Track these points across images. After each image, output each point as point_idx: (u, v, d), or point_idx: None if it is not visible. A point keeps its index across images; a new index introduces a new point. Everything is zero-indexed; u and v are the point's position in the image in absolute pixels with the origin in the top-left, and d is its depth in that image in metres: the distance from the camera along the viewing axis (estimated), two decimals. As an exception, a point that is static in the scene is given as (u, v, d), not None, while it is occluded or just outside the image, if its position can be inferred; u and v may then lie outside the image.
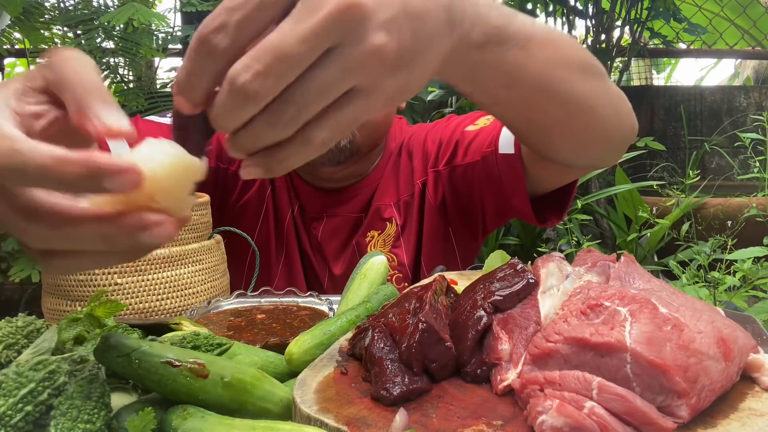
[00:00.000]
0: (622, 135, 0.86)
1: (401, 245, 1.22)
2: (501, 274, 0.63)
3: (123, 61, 2.42)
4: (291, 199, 1.22)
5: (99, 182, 0.40)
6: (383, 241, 1.22)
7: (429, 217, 1.22)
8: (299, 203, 1.22)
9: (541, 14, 3.03)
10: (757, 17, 3.59)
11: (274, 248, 1.21)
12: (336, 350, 0.64)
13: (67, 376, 0.52)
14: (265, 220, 1.21)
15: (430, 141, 1.24)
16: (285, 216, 1.22)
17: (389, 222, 1.22)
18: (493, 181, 1.11)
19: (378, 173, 1.25)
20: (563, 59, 0.69)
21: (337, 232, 1.22)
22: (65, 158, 0.40)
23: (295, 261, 1.22)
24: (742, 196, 2.41)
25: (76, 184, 0.41)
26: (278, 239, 1.22)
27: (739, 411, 0.52)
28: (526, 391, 0.53)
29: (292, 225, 1.22)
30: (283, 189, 1.22)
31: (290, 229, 1.22)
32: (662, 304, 0.54)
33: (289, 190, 1.22)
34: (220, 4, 0.44)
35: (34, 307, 0.86)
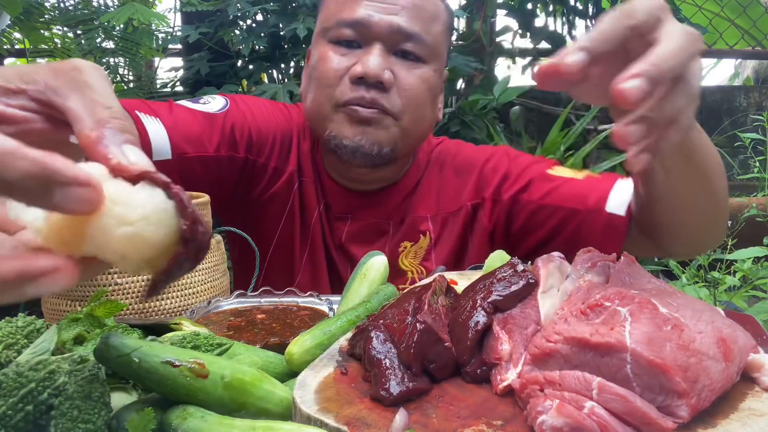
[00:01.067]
0: (720, 235, 1.06)
1: (431, 258, 1.21)
2: (501, 274, 0.63)
3: (123, 61, 2.42)
4: (318, 196, 1.21)
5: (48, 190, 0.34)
6: (415, 252, 1.21)
7: (477, 238, 1.21)
8: (325, 201, 1.21)
9: (541, 14, 3.03)
10: (757, 17, 3.59)
11: (298, 243, 1.21)
12: (336, 350, 0.64)
13: (67, 376, 0.52)
14: (290, 214, 1.20)
15: (489, 169, 1.22)
16: (312, 212, 1.21)
17: (423, 234, 1.21)
18: (584, 232, 1.10)
19: (408, 181, 1.22)
20: (713, 149, 0.90)
21: (363, 236, 1.21)
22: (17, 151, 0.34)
23: (320, 258, 1.21)
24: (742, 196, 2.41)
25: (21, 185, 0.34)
26: (303, 234, 1.21)
27: (739, 411, 0.52)
28: (526, 391, 0.53)
29: (319, 222, 1.21)
30: (311, 185, 1.21)
31: (317, 226, 1.21)
32: (662, 304, 0.54)
33: (317, 186, 1.21)
34: None
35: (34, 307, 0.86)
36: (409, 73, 1.08)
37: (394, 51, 1.08)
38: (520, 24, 3.01)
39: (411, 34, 1.07)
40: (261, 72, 2.56)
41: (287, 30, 2.30)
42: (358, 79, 1.05)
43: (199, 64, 2.45)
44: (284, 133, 1.20)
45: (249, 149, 1.15)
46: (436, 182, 1.24)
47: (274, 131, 1.19)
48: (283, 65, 2.56)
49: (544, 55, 3.14)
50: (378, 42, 1.06)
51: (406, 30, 1.07)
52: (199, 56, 2.52)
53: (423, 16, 1.09)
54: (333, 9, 1.11)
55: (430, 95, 1.12)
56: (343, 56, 1.08)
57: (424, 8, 1.10)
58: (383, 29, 1.06)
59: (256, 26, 2.47)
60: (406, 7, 1.07)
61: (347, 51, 1.08)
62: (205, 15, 2.53)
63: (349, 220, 1.21)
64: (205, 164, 1.10)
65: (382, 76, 1.04)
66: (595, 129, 2.92)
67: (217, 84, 2.41)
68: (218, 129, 1.11)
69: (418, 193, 1.23)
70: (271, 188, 1.19)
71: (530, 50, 3.15)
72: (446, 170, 1.25)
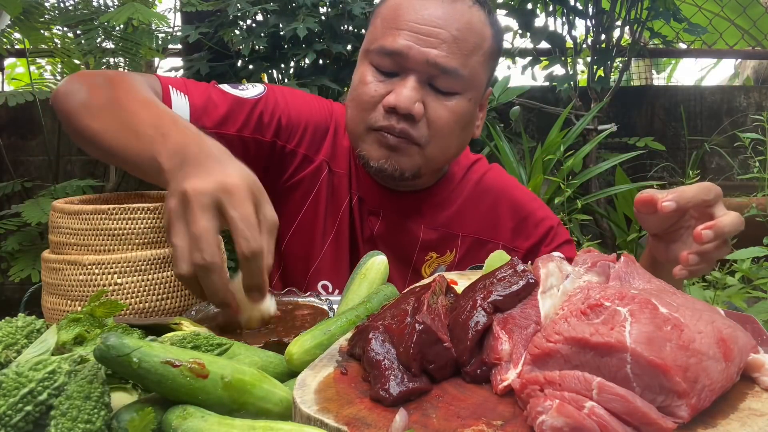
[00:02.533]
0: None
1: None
2: (501, 274, 0.63)
3: (123, 61, 2.42)
4: (351, 187, 1.24)
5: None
6: (438, 264, 1.24)
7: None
8: (360, 195, 1.24)
9: (542, 14, 3.03)
10: (757, 17, 3.59)
11: (320, 230, 1.23)
12: (336, 350, 0.64)
13: (67, 376, 0.52)
14: (315, 200, 1.22)
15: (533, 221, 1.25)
16: (342, 202, 1.23)
17: (450, 251, 1.24)
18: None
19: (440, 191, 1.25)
20: None
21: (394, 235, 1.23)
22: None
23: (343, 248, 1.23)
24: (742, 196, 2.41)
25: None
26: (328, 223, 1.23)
27: (739, 411, 0.52)
28: (526, 391, 0.53)
29: (348, 213, 1.23)
30: (344, 177, 1.24)
31: (345, 216, 1.23)
32: (662, 304, 0.54)
33: (351, 177, 1.24)
34: None
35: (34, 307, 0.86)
36: (440, 105, 1.11)
37: (429, 82, 1.10)
38: (520, 24, 3.02)
39: (447, 69, 1.08)
40: (261, 72, 2.56)
41: (287, 30, 2.30)
42: (390, 108, 1.08)
43: (199, 64, 2.45)
44: (318, 123, 1.24)
45: (277, 134, 1.18)
46: (475, 205, 1.26)
47: (306, 120, 1.22)
48: (283, 65, 2.56)
49: (544, 55, 3.14)
50: (413, 73, 1.08)
51: (442, 65, 1.08)
52: (199, 56, 2.52)
53: (463, 50, 1.10)
54: (378, 32, 1.13)
55: (460, 124, 1.14)
56: (380, 82, 1.11)
57: (466, 40, 1.10)
58: (419, 62, 1.08)
59: (256, 26, 2.47)
60: (446, 41, 1.08)
61: (385, 78, 1.11)
62: (205, 15, 2.53)
63: (381, 215, 1.23)
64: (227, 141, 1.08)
65: (412, 109, 1.07)
66: (595, 129, 2.92)
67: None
68: (245, 112, 1.15)
69: (455, 208, 1.25)
70: (299, 174, 1.22)
71: (530, 50, 3.15)
72: (489, 198, 1.27)
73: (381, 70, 1.11)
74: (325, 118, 1.25)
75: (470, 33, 1.11)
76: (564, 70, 3.04)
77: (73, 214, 0.83)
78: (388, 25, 1.11)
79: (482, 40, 1.13)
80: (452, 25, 1.10)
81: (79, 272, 0.82)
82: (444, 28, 1.09)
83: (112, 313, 0.67)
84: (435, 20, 1.09)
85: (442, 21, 1.09)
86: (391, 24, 1.11)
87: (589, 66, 3.02)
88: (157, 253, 0.83)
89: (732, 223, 0.86)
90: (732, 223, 0.86)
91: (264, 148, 1.18)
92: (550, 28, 3.04)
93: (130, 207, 0.83)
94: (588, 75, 3.04)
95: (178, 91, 1.11)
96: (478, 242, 1.25)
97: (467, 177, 1.28)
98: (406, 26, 1.09)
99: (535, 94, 3.12)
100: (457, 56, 1.09)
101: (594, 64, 2.99)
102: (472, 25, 1.12)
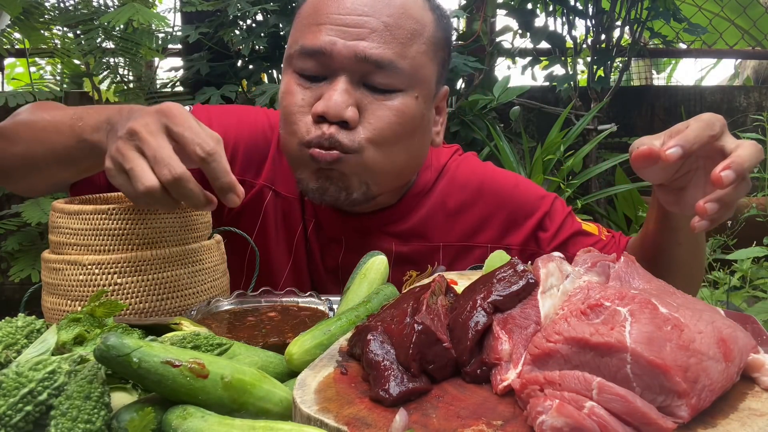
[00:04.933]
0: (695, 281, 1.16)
1: None
2: (501, 274, 0.63)
3: (123, 61, 2.42)
4: (305, 213, 1.11)
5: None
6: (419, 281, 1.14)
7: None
8: (315, 220, 1.11)
9: (542, 14, 3.03)
10: (757, 17, 3.59)
11: (276, 259, 1.12)
12: (336, 350, 0.64)
13: (67, 376, 0.52)
14: (262, 227, 1.11)
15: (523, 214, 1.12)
16: (295, 228, 1.11)
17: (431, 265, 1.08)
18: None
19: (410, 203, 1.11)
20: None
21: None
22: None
23: (304, 279, 1.12)
24: (742, 196, 2.40)
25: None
26: (282, 251, 1.12)
27: (739, 411, 0.52)
28: (526, 391, 0.53)
29: (303, 241, 1.11)
30: (295, 200, 1.11)
31: (300, 244, 1.11)
32: (662, 304, 0.54)
33: (303, 201, 1.12)
34: None
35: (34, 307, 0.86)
36: (380, 105, 0.96)
37: (363, 82, 0.96)
38: (520, 24, 3.01)
39: (381, 62, 0.94)
40: (261, 72, 2.56)
41: (287, 30, 2.30)
42: (319, 116, 0.95)
43: (199, 64, 2.45)
44: (253, 143, 1.11)
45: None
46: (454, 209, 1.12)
47: (234, 140, 1.09)
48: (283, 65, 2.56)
49: (544, 55, 3.14)
50: (342, 74, 0.95)
51: (375, 58, 0.93)
52: (199, 56, 2.52)
53: (398, 38, 0.95)
54: (297, 31, 1.00)
55: (407, 127, 0.98)
56: (306, 89, 0.98)
57: (401, 27, 0.96)
58: (347, 58, 0.93)
59: (256, 26, 2.47)
60: (377, 29, 0.94)
61: (311, 84, 0.98)
62: (205, 15, 2.53)
63: (343, 243, 1.10)
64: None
65: (344, 115, 0.93)
66: (595, 129, 2.92)
67: (217, 84, 2.41)
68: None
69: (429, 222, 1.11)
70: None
71: (530, 50, 3.15)
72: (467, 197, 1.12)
73: (305, 75, 0.98)
74: (263, 136, 1.11)
75: (405, 18, 0.96)
76: (564, 70, 3.04)
77: (73, 214, 0.83)
78: (306, 22, 0.98)
79: (421, 26, 0.98)
80: (382, 11, 0.95)
81: (79, 272, 0.82)
82: (372, 15, 0.94)
83: (112, 313, 0.67)
84: (361, 8, 0.95)
85: (369, 8, 0.95)
86: (310, 21, 0.97)
87: (589, 66, 3.02)
88: (157, 253, 0.83)
89: (750, 154, 0.73)
90: (750, 155, 0.73)
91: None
92: (550, 28, 3.04)
93: (130, 207, 0.83)
94: (588, 75, 3.04)
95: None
96: (464, 249, 1.12)
97: (439, 181, 1.13)
98: (328, 20, 0.95)
99: (535, 94, 3.12)
100: (392, 46, 0.94)
101: (594, 64, 2.98)
102: (406, 9, 0.97)
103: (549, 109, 3.07)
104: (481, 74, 2.85)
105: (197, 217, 0.88)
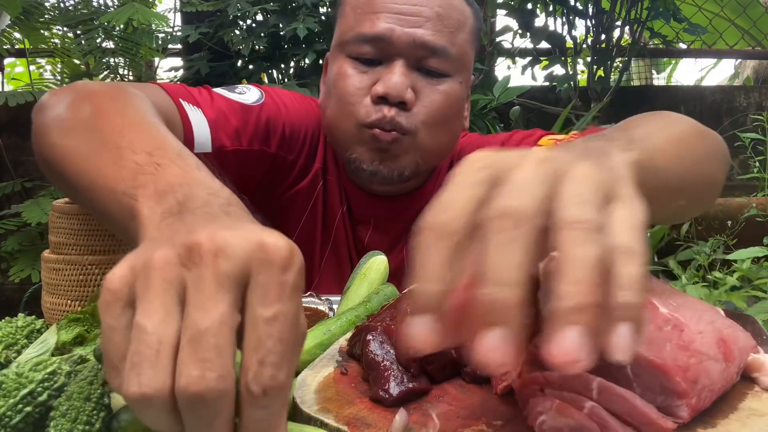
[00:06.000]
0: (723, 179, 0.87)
1: None
2: (501, 275, 0.63)
3: (123, 61, 2.42)
4: (341, 199, 1.16)
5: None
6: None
7: None
8: (348, 204, 1.16)
9: (542, 14, 3.03)
10: (757, 17, 3.59)
11: (319, 244, 1.16)
12: (336, 350, 0.64)
13: (67, 377, 0.52)
14: (312, 213, 1.15)
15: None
16: (336, 213, 1.16)
17: None
18: None
19: (430, 187, 1.16)
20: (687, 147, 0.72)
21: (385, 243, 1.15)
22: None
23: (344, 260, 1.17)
24: (742, 196, 2.41)
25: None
26: (325, 235, 1.16)
27: (739, 411, 0.52)
28: (526, 391, 0.52)
29: (342, 224, 1.16)
30: (335, 186, 1.16)
31: (340, 227, 1.16)
32: (662, 304, 0.54)
33: (340, 188, 1.16)
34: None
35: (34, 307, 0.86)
36: (433, 89, 1.02)
37: (417, 67, 1.02)
38: (520, 24, 3.01)
39: (436, 48, 1.00)
40: (261, 72, 2.56)
41: (287, 30, 2.30)
42: (380, 97, 0.99)
43: (199, 64, 2.45)
44: (314, 129, 1.16)
45: (281, 145, 1.10)
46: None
47: (306, 127, 1.14)
48: (283, 65, 2.56)
49: (544, 55, 3.14)
50: (400, 58, 1.00)
51: (431, 44, 1.00)
52: (199, 56, 2.52)
53: (449, 27, 1.02)
54: (351, 21, 1.04)
55: (454, 109, 1.06)
56: (363, 74, 1.02)
57: (450, 17, 1.03)
58: (405, 44, 0.99)
59: (256, 26, 2.47)
60: (431, 18, 1.01)
61: (368, 68, 1.02)
62: (205, 15, 2.53)
63: (371, 224, 1.16)
64: (239, 157, 1.06)
65: (404, 96, 0.98)
66: (595, 129, 2.92)
67: (217, 84, 2.40)
68: (253, 121, 1.06)
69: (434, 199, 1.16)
70: (296, 186, 1.14)
71: (530, 50, 3.15)
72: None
73: (361, 59, 1.02)
74: (317, 122, 1.16)
75: (452, 9, 1.04)
76: (564, 70, 3.04)
77: (73, 214, 0.83)
78: (362, 11, 1.03)
79: (465, 17, 1.06)
80: (433, 2, 1.02)
81: (79, 272, 0.82)
82: (425, 5, 1.01)
83: (112, 313, 0.67)
84: None
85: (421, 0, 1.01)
86: (365, 9, 1.02)
87: (589, 66, 3.02)
88: (157, 253, 0.83)
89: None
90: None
91: (265, 161, 1.09)
92: (550, 28, 3.04)
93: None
94: (588, 75, 3.04)
95: (189, 104, 1.00)
96: None
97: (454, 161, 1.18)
98: (384, 8, 1.01)
99: (535, 94, 3.12)
100: (444, 34, 1.01)
101: (594, 64, 2.98)
102: (452, 2, 1.04)
103: (549, 109, 3.07)
104: (481, 74, 2.85)
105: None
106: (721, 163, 0.83)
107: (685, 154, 0.70)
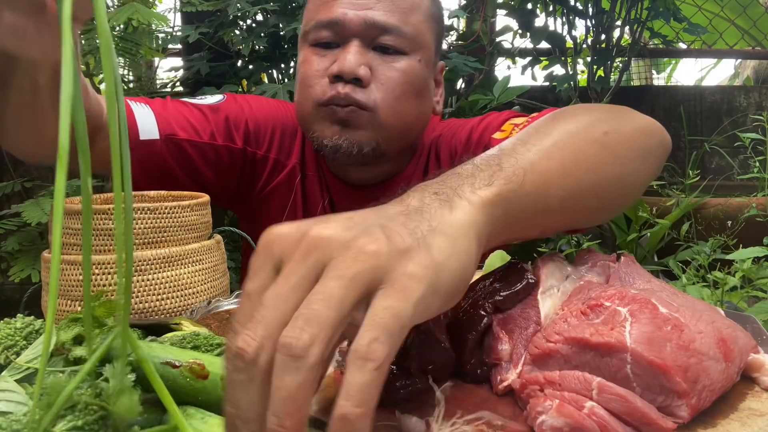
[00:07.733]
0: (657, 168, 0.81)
1: None
2: (501, 274, 0.63)
3: (123, 61, 2.42)
4: (322, 191, 1.21)
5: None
6: None
7: None
8: (329, 196, 1.21)
9: (542, 14, 3.03)
10: (757, 17, 3.59)
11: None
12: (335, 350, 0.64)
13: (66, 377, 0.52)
14: (293, 207, 1.20)
15: (457, 140, 1.19)
16: (316, 206, 1.21)
17: None
18: None
19: (408, 173, 1.21)
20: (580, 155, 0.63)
21: None
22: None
23: None
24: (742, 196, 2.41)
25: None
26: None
27: (739, 411, 0.52)
28: (526, 391, 0.53)
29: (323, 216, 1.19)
30: (315, 179, 1.21)
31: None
32: (662, 304, 0.54)
33: (321, 181, 1.21)
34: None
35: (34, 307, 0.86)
36: (389, 67, 1.07)
37: (372, 46, 1.07)
38: (520, 24, 3.01)
39: (387, 27, 1.06)
40: (261, 72, 2.56)
41: (287, 30, 2.30)
42: (335, 77, 1.05)
43: (199, 64, 2.45)
44: (285, 126, 1.21)
45: (247, 141, 1.17)
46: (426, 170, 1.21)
47: (273, 123, 1.20)
48: (283, 65, 2.56)
49: (544, 55, 3.14)
50: (355, 39, 1.06)
51: (382, 23, 1.06)
52: (199, 56, 2.52)
53: (400, 7, 1.08)
54: (311, 12, 1.12)
55: (414, 87, 1.09)
56: (322, 57, 1.08)
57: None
58: (358, 25, 1.06)
59: (256, 26, 2.47)
60: (381, 0, 1.07)
61: (326, 52, 1.08)
62: (205, 15, 2.53)
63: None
64: (200, 150, 1.12)
65: (357, 72, 1.04)
66: (595, 129, 2.91)
67: (217, 84, 2.41)
68: (212, 119, 1.14)
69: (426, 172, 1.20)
70: (273, 181, 1.20)
71: (530, 50, 3.15)
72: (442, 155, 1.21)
73: (320, 44, 1.09)
74: (291, 120, 1.22)
75: None
76: (564, 70, 3.04)
77: (73, 214, 0.83)
78: (320, 2, 1.10)
79: (419, 0, 1.11)
80: None
81: (79, 272, 0.82)
82: None
83: (112, 313, 0.67)
84: None
85: None
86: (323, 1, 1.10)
87: (589, 66, 3.02)
88: (157, 253, 0.83)
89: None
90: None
91: (236, 157, 1.16)
92: (550, 28, 3.03)
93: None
94: (588, 75, 3.04)
95: (137, 102, 1.10)
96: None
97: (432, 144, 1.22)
98: None
99: (535, 94, 3.12)
100: (396, 13, 1.07)
101: (594, 64, 2.98)
102: None
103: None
104: (481, 74, 2.84)
105: (197, 217, 0.88)
106: (637, 159, 0.73)
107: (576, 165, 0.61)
